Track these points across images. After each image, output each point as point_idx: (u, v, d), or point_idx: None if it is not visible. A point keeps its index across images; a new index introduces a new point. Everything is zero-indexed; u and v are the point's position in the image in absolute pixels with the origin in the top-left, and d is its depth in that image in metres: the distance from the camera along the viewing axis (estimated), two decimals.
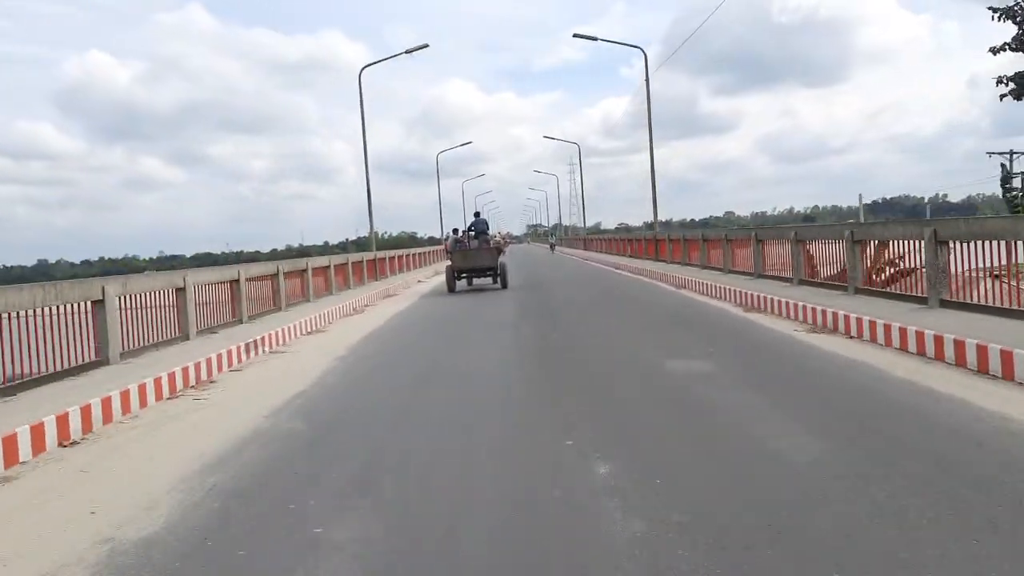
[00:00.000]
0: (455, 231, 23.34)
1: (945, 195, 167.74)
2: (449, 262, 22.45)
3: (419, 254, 44.83)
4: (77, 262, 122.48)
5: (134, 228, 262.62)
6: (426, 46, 35.55)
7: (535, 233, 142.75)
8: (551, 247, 66.09)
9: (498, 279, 21.24)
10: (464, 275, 21.56)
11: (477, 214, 23.92)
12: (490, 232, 22.65)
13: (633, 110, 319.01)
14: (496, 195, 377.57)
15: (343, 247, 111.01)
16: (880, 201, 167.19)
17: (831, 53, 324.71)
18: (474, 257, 21.10)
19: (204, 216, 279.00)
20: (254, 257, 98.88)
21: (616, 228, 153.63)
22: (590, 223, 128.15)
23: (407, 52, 33.96)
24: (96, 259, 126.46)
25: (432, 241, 77.98)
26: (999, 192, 38.20)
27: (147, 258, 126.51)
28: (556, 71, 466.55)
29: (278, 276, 16.34)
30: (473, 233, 21.98)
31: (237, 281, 13.95)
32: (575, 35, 35.57)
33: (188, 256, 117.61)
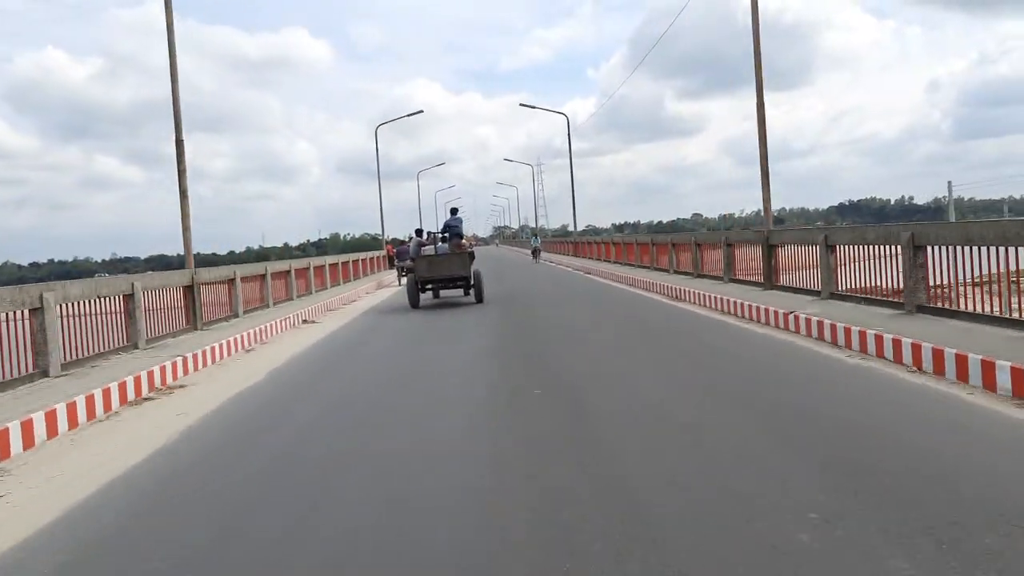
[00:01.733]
0: (418, 232, 20.00)
1: (911, 197, 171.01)
2: (395, 271, 21.17)
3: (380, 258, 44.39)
4: (25, 264, 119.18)
5: (91, 229, 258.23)
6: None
7: (502, 235, 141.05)
8: (533, 253, 43.34)
9: (471, 291, 17.44)
10: (430, 286, 17.82)
11: (454, 211, 18.30)
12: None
13: (600, 112, 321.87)
14: (462, 197, 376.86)
15: (303, 249, 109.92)
16: (847, 203, 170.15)
17: (795, 57, 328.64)
18: (443, 264, 16.93)
19: (163, 216, 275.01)
20: (211, 260, 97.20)
21: (583, 231, 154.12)
22: (555, 225, 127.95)
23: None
24: (45, 261, 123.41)
25: (396, 243, 76.42)
26: (966, 194, 38.51)
27: (100, 260, 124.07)
28: (522, 72, 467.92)
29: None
30: (445, 235, 17.71)
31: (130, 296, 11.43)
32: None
33: (143, 258, 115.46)
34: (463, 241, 17.89)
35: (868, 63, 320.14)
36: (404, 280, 23.81)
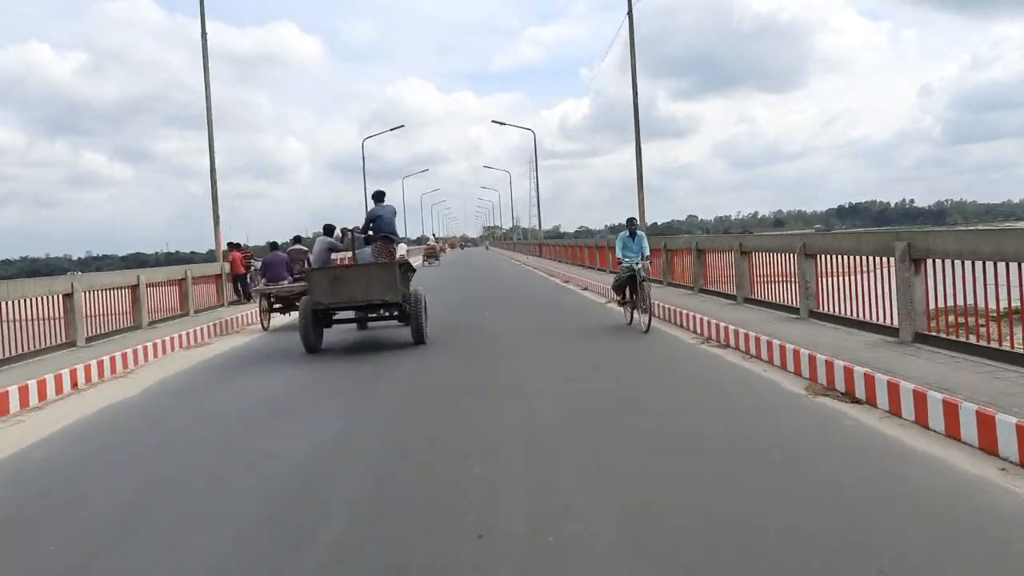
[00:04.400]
0: (328, 228, 13.11)
1: (912, 200, 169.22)
2: (257, 301, 14.55)
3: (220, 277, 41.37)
4: None
5: (79, 226, 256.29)
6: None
7: (492, 235, 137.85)
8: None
9: (410, 323, 10.92)
10: (335, 315, 11.34)
11: (379, 196, 11.98)
12: (398, 235, 12.01)
13: (592, 112, 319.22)
14: (453, 198, 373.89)
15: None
16: (847, 206, 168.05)
17: (789, 59, 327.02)
18: (354, 282, 10.50)
19: (151, 214, 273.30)
20: (189, 259, 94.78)
21: (576, 232, 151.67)
22: (547, 226, 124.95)
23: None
24: (17, 258, 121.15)
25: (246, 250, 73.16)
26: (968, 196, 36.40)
27: (76, 258, 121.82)
28: (515, 71, 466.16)
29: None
30: (369, 232, 11.77)
31: None
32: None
33: (120, 256, 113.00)
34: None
35: (862, 65, 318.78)
36: (285, 318, 15.33)
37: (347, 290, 10.48)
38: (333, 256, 12.70)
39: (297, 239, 16.06)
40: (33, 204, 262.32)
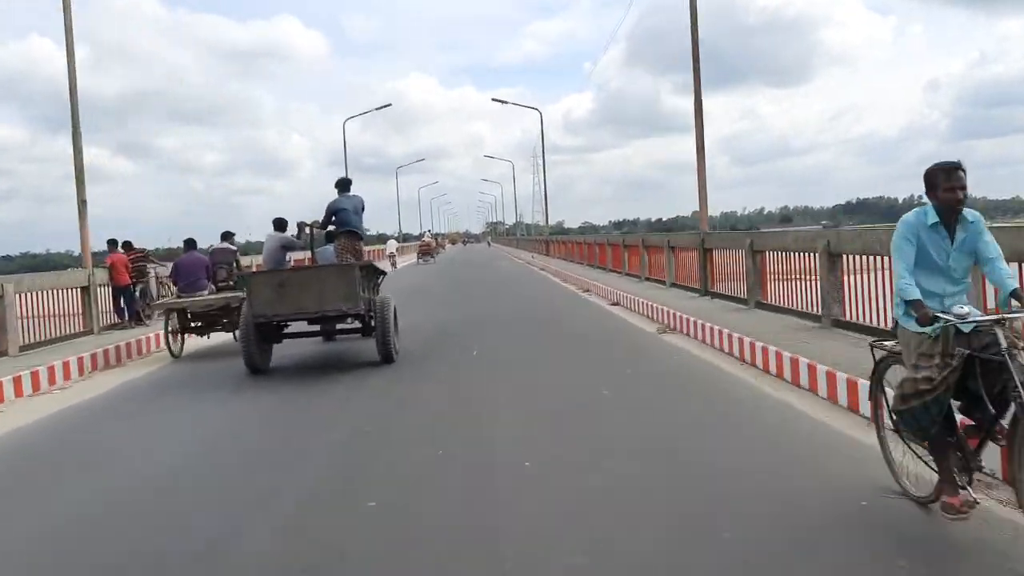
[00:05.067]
0: (279, 223, 10.81)
1: (920, 196, 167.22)
2: (161, 323, 11.78)
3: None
4: None
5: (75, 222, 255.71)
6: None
7: (495, 232, 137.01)
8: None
9: (376, 336, 9.20)
10: (287, 326, 9.69)
11: (344, 184, 10.40)
12: (362, 227, 10.43)
13: (595, 107, 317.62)
14: (455, 193, 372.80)
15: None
16: (854, 202, 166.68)
17: (795, 53, 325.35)
18: (305, 288, 8.81)
19: (154, 210, 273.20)
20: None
21: (580, 228, 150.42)
22: (551, 222, 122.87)
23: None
24: (17, 254, 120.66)
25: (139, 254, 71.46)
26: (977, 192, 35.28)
27: (78, 254, 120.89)
28: (518, 66, 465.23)
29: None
30: (331, 228, 10.24)
31: None
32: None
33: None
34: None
35: (868, 60, 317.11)
36: (205, 340, 12.23)
37: (295, 298, 8.71)
38: (289, 256, 11.29)
39: (227, 236, 12.48)
40: (36, 200, 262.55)
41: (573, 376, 8.03)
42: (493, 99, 47.32)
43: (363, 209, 10.34)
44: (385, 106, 46.58)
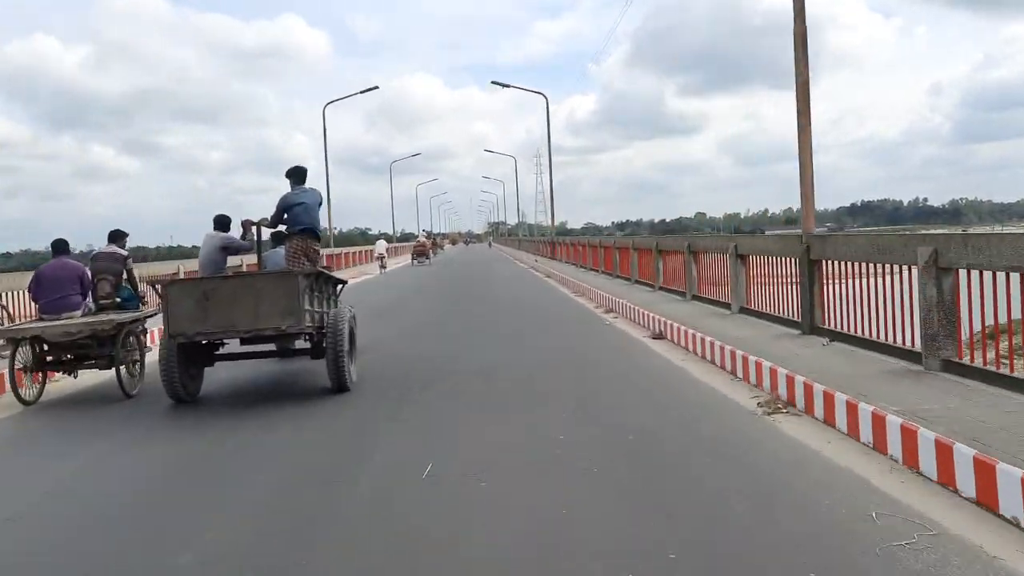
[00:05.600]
0: (221, 222, 9.10)
1: (926, 199, 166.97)
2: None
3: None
4: None
5: (86, 219, 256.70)
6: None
7: (496, 232, 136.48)
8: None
9: (327, 359, 7.67)
10: (222, 345, 8.32)
11: (298, 175, 8.76)
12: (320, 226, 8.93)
13: (599, 108, 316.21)
14: (458, 193, 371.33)
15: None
16: (859, 204, 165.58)
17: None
18: (233, 301, 7.31)
19: (158, 208, 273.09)
20: (191, 253, 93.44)
21: (583, 228, 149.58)
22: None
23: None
24: (17, 251, 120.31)
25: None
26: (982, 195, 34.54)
27: (79, 251, 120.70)
28: (521, 66, 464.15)
29: None
30: (282, 229, 8.89)
31: None
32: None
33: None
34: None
35: (872, 62, 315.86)
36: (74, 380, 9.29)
37: (223, 313, 7.13)
38: (231, 260, 9.64)
39: (116, 236, 9.36)
40: (42, 197, 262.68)
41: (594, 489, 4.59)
42: (493, 82, 47.86)
43: (320, 205, 8.93)
44: (370, 89, 43.04)
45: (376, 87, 42.83)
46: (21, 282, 11.44)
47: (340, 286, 9.11)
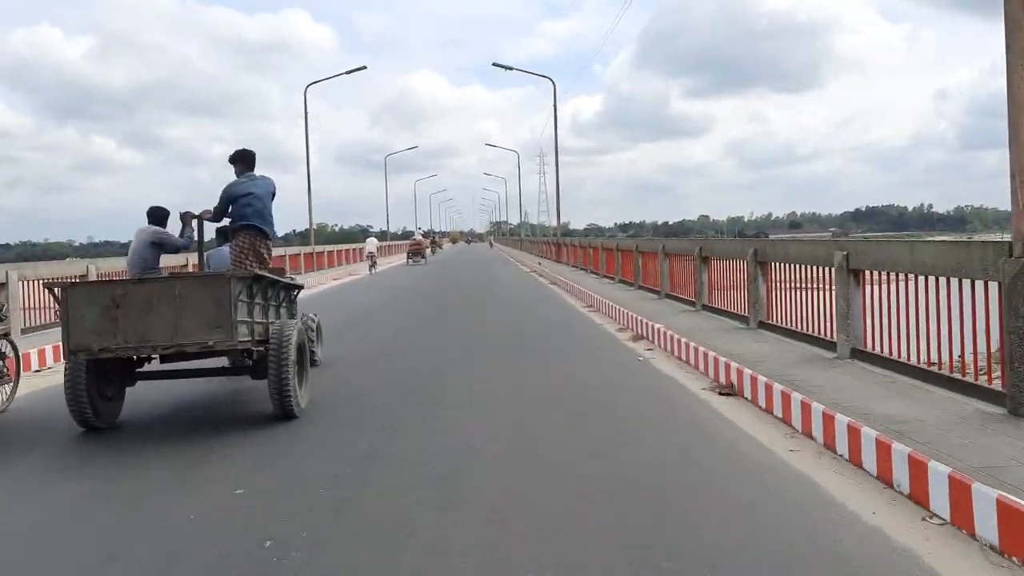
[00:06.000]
0: (156, 214, 7.96)
1: (931, 205, 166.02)
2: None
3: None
4: None
5: (89, 211, 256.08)
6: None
7: (498, 231, 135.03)
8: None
9: (269, 381, 6.31)
10: (146, 361, 6.79)
11: (244, 159, 7.60)
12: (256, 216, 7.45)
13: (604, 110, 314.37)
14: (460, 191, 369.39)
15: (286, 239, 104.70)
16: (863, 209, 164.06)
17: (804, 58, 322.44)
18: (148, 310, 5.88)
19: (158, 200, 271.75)
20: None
21: (585, 230, 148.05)
22: (556, 223, 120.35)
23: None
24: (16, 243, 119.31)
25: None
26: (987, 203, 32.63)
27: (78, 243, 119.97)
28: (526, 66, 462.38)
29: None
30: (226, 224, 7.82)
31: None
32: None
33: (121, 243, 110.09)
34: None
35: (878, 67, 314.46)
36: None
37: (137, 324, 5.84)
38: (165, 260, 8.60)
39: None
40: (44, 188, 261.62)
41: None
42: (495, 64, 38.85)
43: (273, 196, 7.63)
44: (356, 70, 39.30)
45: (364, 67, 38.82)
46: None
47: (295, 291, 7.87)
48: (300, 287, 8.13)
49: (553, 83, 38.34)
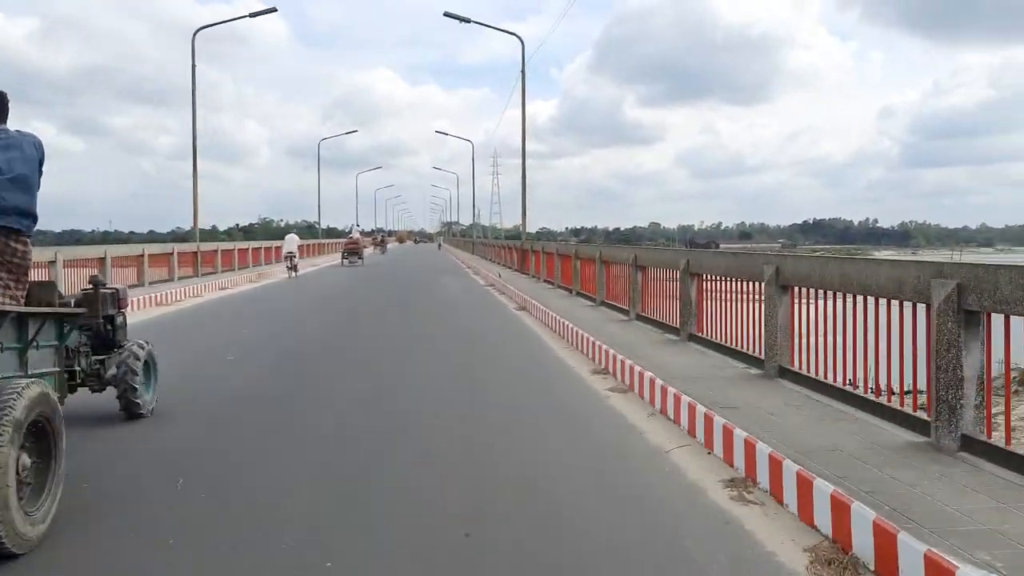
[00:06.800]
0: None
1: (875, 220, 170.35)
2: None
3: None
4: None
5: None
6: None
7: (449, 232, 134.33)
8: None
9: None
10: None
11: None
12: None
13: (558, 114, 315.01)
14: (412, 190, 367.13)
15: (229, 234, 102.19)
16: (810, 222, 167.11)
17: (757, 72, 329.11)
18: None
19: (104, 190, 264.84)
20: (127, 239, 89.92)
21: (537, 233, 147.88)
22: (507, 225, 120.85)
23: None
24: None
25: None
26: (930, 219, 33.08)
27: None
28: (484, 67, 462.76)
29: None
30: None
31: None
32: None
33: (56, 232, 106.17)
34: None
35: (827, 83, 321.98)
36: None
37: None
38: None
39: None
40: None
41: None
42: (446, 13, 29.24)
43: (42, 163, 4.78)
44: (261, 12, 30.49)
45: (274, 9, 30.22)
46: None
47: (118, 316, 6.24)
48: (121, 311, 6.32)
49: (522, 42, 30.98)
